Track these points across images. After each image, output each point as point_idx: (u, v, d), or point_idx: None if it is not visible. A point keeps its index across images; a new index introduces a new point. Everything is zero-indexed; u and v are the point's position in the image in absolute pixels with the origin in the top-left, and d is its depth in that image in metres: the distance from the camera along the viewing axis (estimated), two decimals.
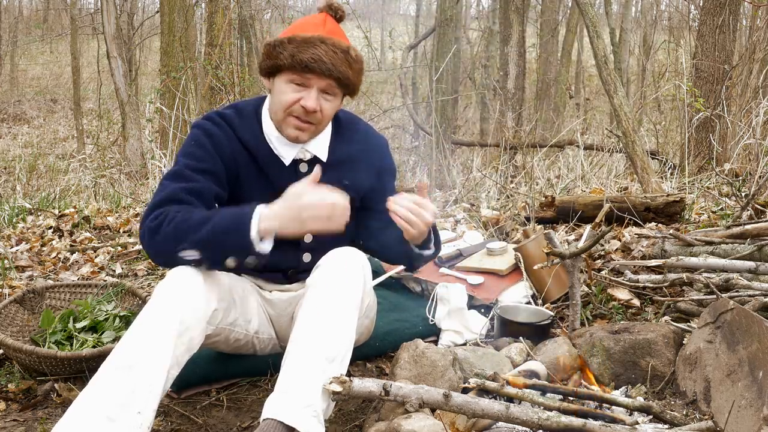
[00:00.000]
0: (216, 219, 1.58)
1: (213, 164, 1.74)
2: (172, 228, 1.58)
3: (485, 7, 15.71)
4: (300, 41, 1.67)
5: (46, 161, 9.48)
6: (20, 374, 2.08)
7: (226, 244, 1.57)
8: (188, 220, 1.58)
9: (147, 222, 1.62)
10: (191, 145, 1.75)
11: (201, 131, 1.76)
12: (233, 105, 1.85)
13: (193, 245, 1.57)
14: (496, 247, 2.70)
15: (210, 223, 1.57)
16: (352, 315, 1.62)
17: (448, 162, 5.98)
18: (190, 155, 1.73)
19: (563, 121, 10.03)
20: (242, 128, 1.79)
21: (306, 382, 1.50)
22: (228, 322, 1.78)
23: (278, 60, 1.69)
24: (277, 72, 1.72)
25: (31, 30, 20.20)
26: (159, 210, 1.62)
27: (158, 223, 1.60)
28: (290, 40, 1.68)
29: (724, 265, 2.41)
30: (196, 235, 1.56)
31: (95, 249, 3.66)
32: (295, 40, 1.67)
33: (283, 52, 1.68)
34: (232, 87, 7.07)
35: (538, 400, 1.63)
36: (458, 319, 2.31)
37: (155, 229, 1.59)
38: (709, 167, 5.20)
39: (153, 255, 1.66)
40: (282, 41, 1.69)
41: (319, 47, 1.67)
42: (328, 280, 1.65)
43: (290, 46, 1.67)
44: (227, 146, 1.76)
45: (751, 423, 1.45)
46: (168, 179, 1.71)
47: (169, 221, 1.59)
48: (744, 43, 7.97)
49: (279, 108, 1.73)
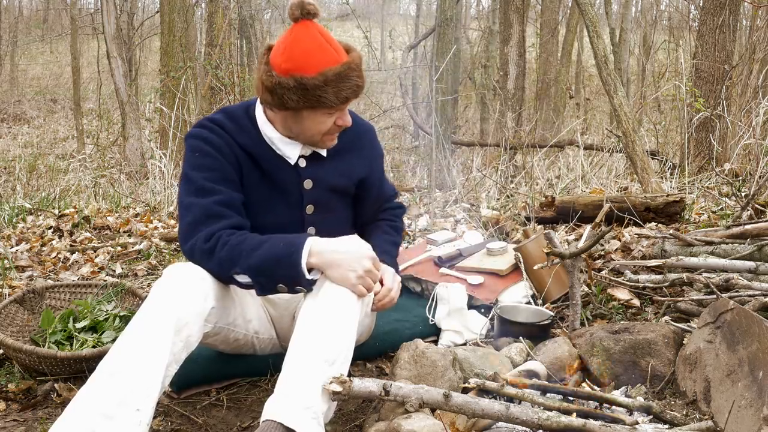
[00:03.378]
0: (267, 245, 1.62)
1: (225, 171, 1.75)
2: (226, 252, 1.62)
3: (485, 7, 15.72)
4: (335, 79, 1.66)
5: (46, 161, 9.48)
6: (20, 374, 2.09)
7: (276, 273, 1.60)
8: (241, 245, 1.63)
9: (198, 243, 1.65)
10: (196, 157, 1.74)
11: (200, 141, 1.75)
12: (222, 110, 1.85)
13: (245, 271, 1.61)
14: (496, 247, 2.70)
15: (262, 248, 1.61)
16: (353, 318, 1.63)
17: (448, 162, 5.98)
18: (201, 167, 1.73)
19: (563, 121, 10.04)
20: (238, 132, 1.79)
21: (306, 384, 1.50)
22: (227, 321, 1.78)
23: (320, 101, 1.67)
24: (313, 109, 1.71)
25: (31, 30, 20.20)
26: (208, 230, 1.66)
27: (211, 246, 1.64)
28: (325, 81, 1.65)
29: (724, 265, 2.41)
30: (249, 260, 1.61)
31: (95, 249, 3.66)
32: (330, 80, 1.65)
33: (323, 94, 1.66)
34: (232, 87, 7.08)
35: (538, 400, 1.63)
36: (458, 319, 2.31)
37: (209, 252, 1.64)
38: (709, 167, 5.20)
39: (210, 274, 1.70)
40: (316, 83, 1.65)
41: (352, 77, 1.68)
42: (327, 281, 1.65)
43: (329, 88, 1.66)
44: (228, 150, 1.77)
45: (751, 423, 1.45)
46: (192, 195, 1.71)
47: (223, 244, 1.63)
48: (744, 43, 7.98)
49: (316, 135, 1.76)
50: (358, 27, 8.42)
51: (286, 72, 1.65)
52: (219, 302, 1.69)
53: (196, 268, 1.65)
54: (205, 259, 1.65)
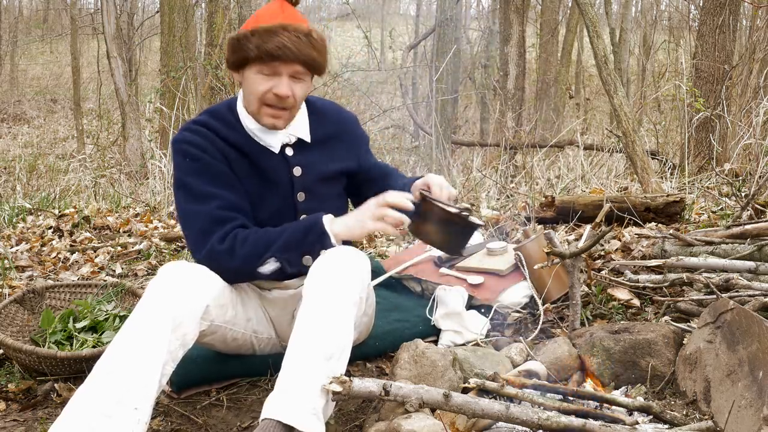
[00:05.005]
0: (290, 227, 1.74)
1: (218, 171, 1.77)
2: (250, 245, 1.69)
3: (485, 7, 15.72)
4: (263, 32, 1.71)
5: (46, 161, 9.48)
6: (20, 374, 2.09)
7: (306, 241, 1.70)
8: (265, 235, 1.72)
9: (213, 246, 1.69)
10: (188, 163, 1.77)
11: (187, 145, 1.78)
12: (205, 111, 1.89)
13: (275, 252, 1.69)
14: (496, 247, 2.69)
15: (287, 230, 1.72)
16: (350, 313, 1.63)
17: (448, 162, 5.98)
18: (194, 172, 1.76)
19: (563, 121, 10.03)
20: (222, 129, 1.82)
21: (304, 380, 1.50)
22: (224, 319, 1.78)
23: (245, 53, 1.73)
24: (245, 65, 1.77)
25: (31, 30, 20.19)
26: (220, 232, 1.70)
27: (230, 246, 1.69)
28: (253, 32, 1.72)
29: (724, 265, 2.41)
30: (277, 243, 1.70)
31: (95, 249, 3.66)
32: (257, 32, 1.72)
33: (248, 44, 1.72)
34: (232, 87, 7.07)
35: (538, 400, 1.63)
36: (456, 321, 2.31)
37: (229, 251, 1.69)
38: (709, 167, 5.20)
39: (230, 275, 1.74)
40: (245, 34, 1.73)
41: (282, 35, 1.71)
42: (324, 279, 1.65)
43: (254, 38, 1.72)
44: (216, 150, 1.79)
45: (751, 423, 1.45)
46: (192, 203, 1.74)
47: (243, 240, 1.69)
48: (744, 43, 7.98)
49: (253, 99, 1.78)
50: (358, 27, 8.42)
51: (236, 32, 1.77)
52: (215, 300, 1.70)
53: (192, 266, 1.67)
54: (227, 260, 1.69)
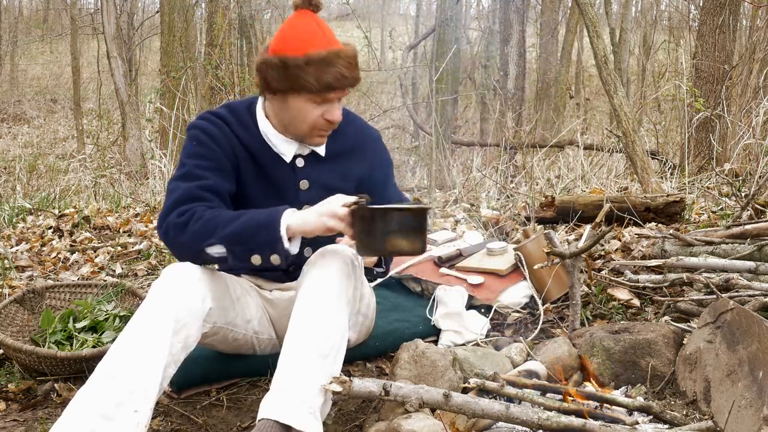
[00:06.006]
0: (247, 216, 1.62)
1: (219, 161, 1.75)
2: (201, 224, 1.61)
3: (485, 7, 15.69)
4: (319, 62, 1.64)
5: (46, 161, 9.48)
6: (20, 374, 2.09)
7: (256, 239, 1.59)
8: (218, 217, 1.62)
9: (171, 218, 1.63)
10: (193, 146, 1.76)
11: (199, 131, 1.77)
12: (225, 105, 1.87)
13: (221, 240, 1.59)
14: (496, 247, 2.69)
15: (241, 219, 1.61)
16: (342, 309, 1.63)
17: (448, 162, 5.98)
18: (195, 155, 1.74)
19: (563, 121, 10.03)
20: (238, 126, 1.81)
21: (300, 379, 1.50)
22: (226, 321, 1.78)
23: (299, 83, 1.65)
24: (293, 92, 1.69)
25: (31, 30, 20.17)
26: (183, 207, 1.64)
27: (185, 220, 1.62)
28: (307, 61, 1.63)
29: (724, 265, 2.41)
30: (226, 229, 1.59)
31: (95, 249, 3.66)
32: (313, 61, 1.63)
33: (303, 74, 1.64)
34: (232, 87, 7.07)
35: (538, 400, 1.63)
36: (456, 321, 2.31)
37: (182, 226, 1.62)
38: (709, 167, 5.20)
39: (179, 250, 1.68)
40: (298, 63, 1.64)
41: (338, 64, 1.65)
42: (314, 278, 1.66)
43: (310, 69, 1.64)
44: (227, 143, 1.78)
45: (751, 423, 1.45)
46: (178, 180, 1.72)
47: (198, 218, 1.62)
48: (744, 43, 7.97)
49: (301, 125, 1.74)
50: (358, 27, 8.41)
51: (273, 52, 1.68)
52: (217, 302, 1.70)
53: (195, 269, 1.65)
54: (178, 234, 1.62)
